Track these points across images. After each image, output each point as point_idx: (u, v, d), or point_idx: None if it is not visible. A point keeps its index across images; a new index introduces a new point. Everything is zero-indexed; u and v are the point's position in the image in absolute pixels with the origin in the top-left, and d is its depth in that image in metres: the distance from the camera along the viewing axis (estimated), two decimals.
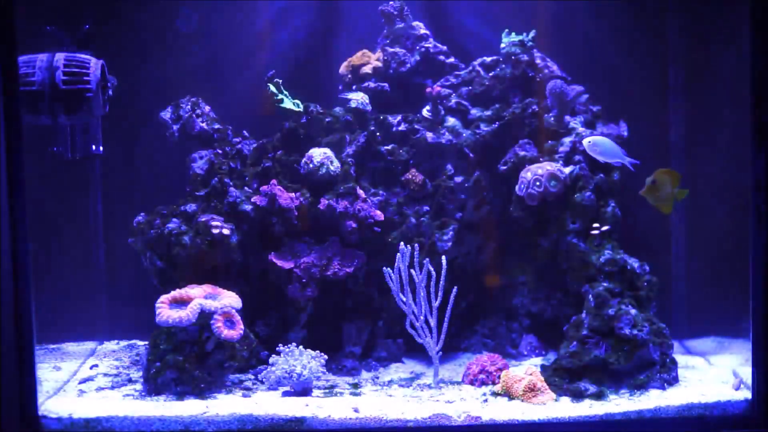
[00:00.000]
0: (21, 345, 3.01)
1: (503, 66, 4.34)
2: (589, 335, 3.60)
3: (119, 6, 4.31)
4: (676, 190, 3.69)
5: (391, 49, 4.42)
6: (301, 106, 4.26)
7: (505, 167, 4.18)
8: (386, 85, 4.37)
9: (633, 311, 3.62)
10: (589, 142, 3.75)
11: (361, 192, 4.04)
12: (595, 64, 4.41)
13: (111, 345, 4.44)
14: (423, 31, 4.45)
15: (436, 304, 3.72)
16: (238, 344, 3.70)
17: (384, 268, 3.70)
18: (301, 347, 3.64)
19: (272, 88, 4.23)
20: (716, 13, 4.11)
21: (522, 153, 4.14)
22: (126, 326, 4.46)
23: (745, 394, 3.33)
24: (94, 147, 3.76)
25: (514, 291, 4.22)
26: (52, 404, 3.33)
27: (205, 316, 3.52)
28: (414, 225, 4.06)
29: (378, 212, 4.03)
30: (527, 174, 4.00)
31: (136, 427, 3.18)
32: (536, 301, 4.18)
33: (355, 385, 3.71)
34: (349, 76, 4.43)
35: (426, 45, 4.42)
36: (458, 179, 4.20)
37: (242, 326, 3.60)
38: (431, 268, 3.71)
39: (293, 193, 4.02)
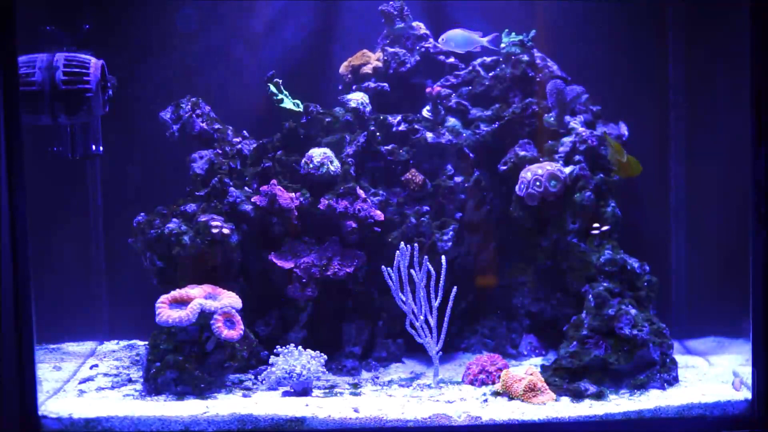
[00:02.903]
0: (21, 345, 3.01)
1: (503, 66, 4.34)
2: (589, 335, 3.60)
3: (119, 6, 4.32)
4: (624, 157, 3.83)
5: (391, 49, 4.42)
6: (301, 106, 4.26)
7: (505, 167, 4.18)
8: (386, 85, 4.37)
9: (633, 311, 3.62)
10: (442, 39, 3.92)
11: (361, 192, 4.04)
12: (595, 64, 4.41)
13: (111, 345, 4.44)
14: (423, 31, 4.45)
15: (435, 303, 3.73)
16: (238, 344, 3.69)
17: (383, 267, 3.70)
18: (300, 347, 3.64)
19: (272, 88, 4.23)
20: (716, 13, 4.11)
21: (522, 153, 4.14)
22: (126, 326, 4.46)
23: (745, 394, 3.33)
24: (94, 147, 3.76)
25: (514, 291, 4.21)
26: (52, 404, 3.33)
27: (205, 316, 3.52)
28: (414, 225, 4.06)
29: (378, 212, 4.03)
30: (527, 174, 4.00)
31: (136, 427, 3.18)
32: (536, 301, 4.18)
33: (355, 385, 3.71)
34: (349, 76, 4.43)
35: (426, 45, 4.42)
36: (458, 179, 4.20)
37: (242, 326, 3.60)
38: (431, 268, 3.71)
39: (293, 193, 4.02)
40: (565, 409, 3.31)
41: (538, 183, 3.96)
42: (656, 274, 3.88)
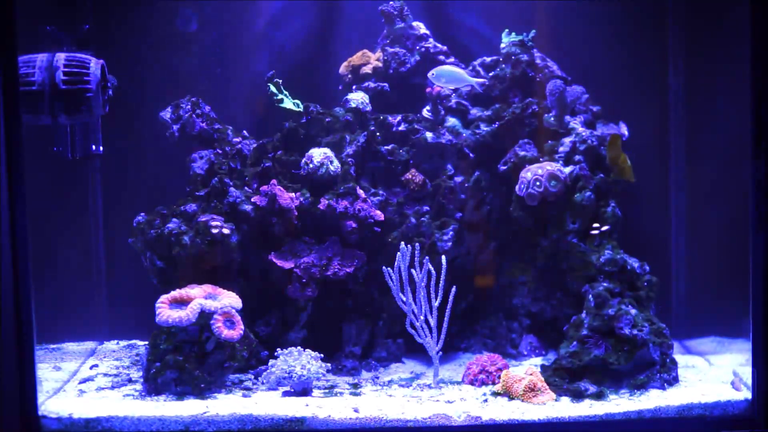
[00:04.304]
0: (21, 345, 3.01)
1: (503, 66, 4.34)
2: (589, 335, 3.60)
3: (119, 6, 4.32)
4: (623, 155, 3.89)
5: (391, 49, 4.42)
6: (301, 106, 4.26)
7: (505, 167, 4.18)
8: (386, 85, 4.37)
9: (633, 311, 3.62)
10: (432, 74, 4.03)
11: (361, 192, 4.04)
12: (595, 64, 4.41)
13: (111, 345, 4.44)
14: (423, 31, 4.45)
15: (436, 303, 3.73)
16: (238, 344, 3.70)
17: (384, 267, 3.70)
18: (300, 348, 3.64)
19: (272, 88, 4.23)
20: (716, 13, 4.11)
21: (522, 153, 4.14)
22: (126, 326, 4.45)
23: (745, 394, 3.33)
24: (94, 147, 3.76)
25: (514, 291, 4.21)
26: (52, 404, 3.33)
27: (205, 316, 3.52)
28: (414, 225, 4.06)
29: (378, 212, 4.03)
30: (527, 174, 4.00)
31: (136, 427, 3.18)
32: (536, 301, 4.18)
33: (355, 385, 3.71)
34: (349, 76, 4.43)
35: (426, 45, 4.42)
36: (458, 179, 4.20)
37: (242, 326, 3.60)
38: (431, 268, 3.71)
39: (293, 193, 4.02)
40: (565, 409, 3.31)
41: (538, 183, 3.96)
42: (656, 274, 3.88)
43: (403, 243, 3.75)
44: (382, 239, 4.04)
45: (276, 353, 3.64)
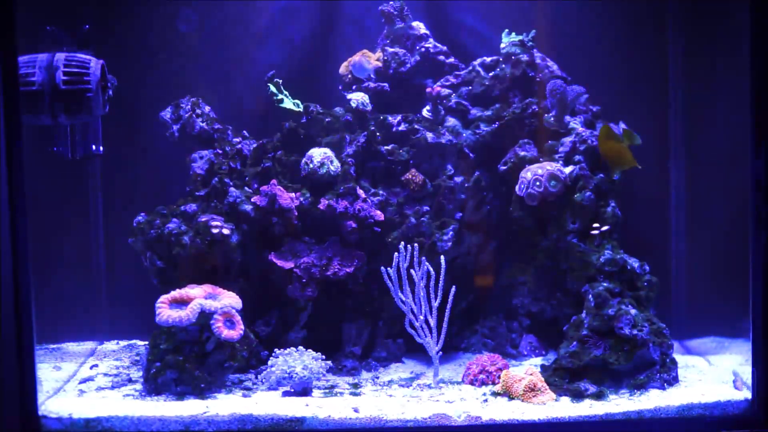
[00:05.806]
0: (21, 345, 3.01)
1: (503, 66, 4.34)
2: (589, 335, 3.60)
3: (119, 6, 4.32)
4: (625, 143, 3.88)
5: (391, 49, 4.42)
6: (301, 106, 4.26)
7: (505, 167, 4.18)
8: (386, 85, 4.37)
9: (633, 311, 3.61)
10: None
11: (361, 192, 4.04)
12: (595, 64, 4.41)
13: (111, 345, 4.44)
14: (423, 31, 4.45)
15: (435, 303, 3.73)
16: (238, 344, 3.70)
17: (382, 267, 3.70)
18: (301, 348, 3.64)
19: (272, 88, 4.23)
20: (716, 13, 4.11)
21: (522, 153, 4.14)
22: (126, 326, 4.45)
23: (746, 394, 3.33)
24: (94, 147, 3.76)
25: (514, 291, 4.21)
26: (52, 404, 3.33)
27: (205, 316, 3.52)
28: (414, 225, 4.06)
29: (378, 212, 4.03)
30: (527, 174, 4.00)
31: (136, 427, 3.18)
32: (536, 301, 4.18)
33: (355, 385, 3.71)
34: (349, 76, 4.43)
35: (426, 45, 4.42)
36: (458, 179, 4.20)
37: (242, 326, 3.60)
38: (430, 268, 3.71)
39: (293, 193, 4.02)
40: (565, 409, 3.31)
41: (538, 183, 3.96)
42: (656, 274, 3.88)
43: (402, 243, 3.75)
44: (382, 239, 4.04)
45: (275, 353, 3.64)
